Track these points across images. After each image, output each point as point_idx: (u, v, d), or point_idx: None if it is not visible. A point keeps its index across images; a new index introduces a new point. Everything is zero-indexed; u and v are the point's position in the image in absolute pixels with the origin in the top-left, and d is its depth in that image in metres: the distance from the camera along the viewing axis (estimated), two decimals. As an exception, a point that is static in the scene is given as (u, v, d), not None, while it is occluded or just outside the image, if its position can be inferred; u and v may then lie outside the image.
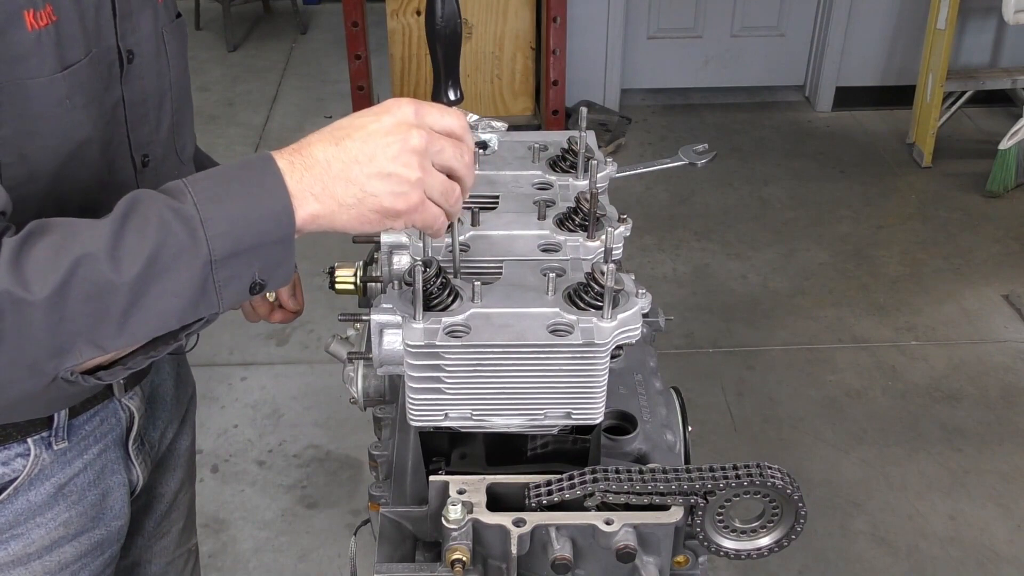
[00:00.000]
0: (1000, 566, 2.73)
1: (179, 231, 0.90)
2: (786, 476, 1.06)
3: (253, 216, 0.93)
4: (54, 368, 0.91)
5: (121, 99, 1.17)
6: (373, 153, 0.95)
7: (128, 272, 0.89)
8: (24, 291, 0.86)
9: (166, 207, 0.91)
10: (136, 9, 1.17)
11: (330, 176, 0.95)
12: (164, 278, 0.90)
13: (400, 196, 0.96)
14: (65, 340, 0.89)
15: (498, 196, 1.30)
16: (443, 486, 1.10)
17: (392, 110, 0.98)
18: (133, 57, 1.17)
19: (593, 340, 1.04)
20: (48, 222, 0.91)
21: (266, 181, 0.94)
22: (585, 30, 4.90)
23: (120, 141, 1.19)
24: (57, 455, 1.24)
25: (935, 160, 4.65)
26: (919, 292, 3.85)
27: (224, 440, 3.15)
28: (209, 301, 0.94)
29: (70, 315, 0.88)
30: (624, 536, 1.05)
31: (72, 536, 1.29)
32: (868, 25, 5.04)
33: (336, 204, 0.95)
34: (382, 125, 0.96)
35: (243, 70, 5.79)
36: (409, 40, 4.67)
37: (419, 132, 0.97)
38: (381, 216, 0.97)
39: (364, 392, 1.39)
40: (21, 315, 0.86)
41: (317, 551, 2.78)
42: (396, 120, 0.97)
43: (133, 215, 0.90)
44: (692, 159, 1.55)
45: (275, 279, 0.98)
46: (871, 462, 3.06)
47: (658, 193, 4.44)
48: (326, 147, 0.96)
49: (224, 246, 0.92)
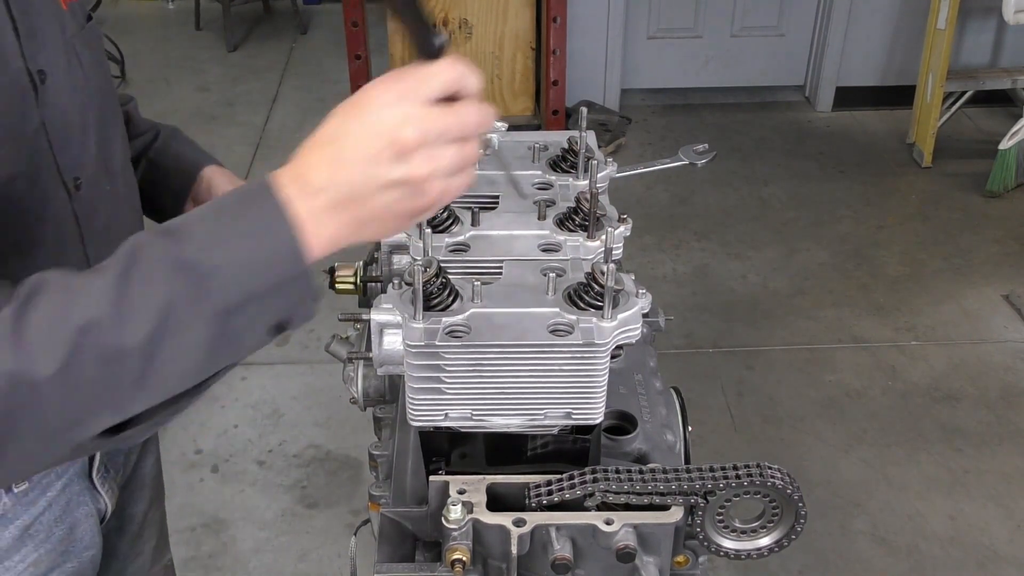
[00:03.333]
0: (1000, 566, 2.73)
1: (185, 284, 0.83)
2: (786, 476, 1.06)
3: (261, 258, 0.85)
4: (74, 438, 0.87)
5: (42, 125, 1.08)
6: (371, 167, 0.86)
7: (137, 335, 0.83)
8: (31, 370, 0.81)
9: (168, 258, 0.84)
10: (40, 25, 1.08)
11: (336, 199, 0.86)
12: (176, 335, 0.84)
13: (417, 196, 0.88)
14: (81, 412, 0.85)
15: (498, 196, 1.30)
16: (443, 486, 1.10)
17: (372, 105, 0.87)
18: (45, 77, 1.08)
19: (593, 340, 1.04)
20: (42, 281, 0.85)
21: (269, 217, 0.86)
22: (585, 30, 4.90)
23: (48, 169, 1.10)
24: (18, 497, 1.19)
25: (935, 160, 4.65)
26: (919, 292, 3.85)
27: (224, 440, 3.15)
28: (228, 351, 0.89)
29: (82, 387, 0.83)
30: (624, 536, 1.05)
31: (43, 573, 1.26)
32: (868, 25, 5.04)
33: (351, 226, 0.88)
34: (369, 129, 0.86)
35: (243, 70, 5.79)
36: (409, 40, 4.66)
37: (410, 124, 0.85)
38: (405, 219, 0.91)
39: (364, 392, 1.39)
40: (33, 394, 0.82)
41: (317, 551, 2.77)
42: (381, 119, 0.86)
43: (134, 270, 0.84)
44: (692, 159, 1.55)
45: (298, 317, 0.90)
46: (871, 462, 3.06)
47: (658, 193, 4.44)
48: (322, 171, 0.87)
49: (236, 294, 0.85)
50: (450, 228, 1.23)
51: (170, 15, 6.57)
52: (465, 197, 1.28)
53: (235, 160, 4.74)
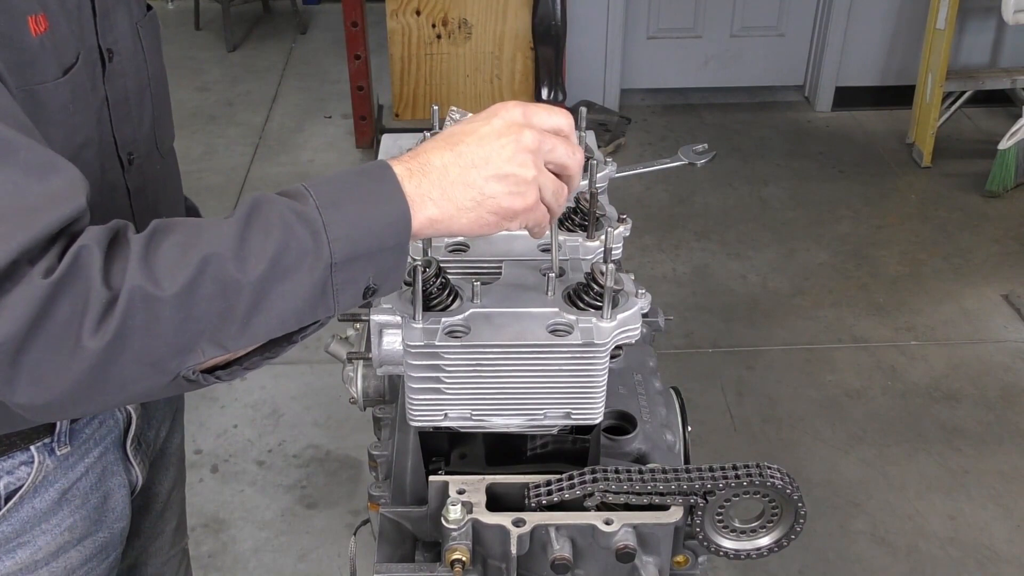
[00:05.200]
0: (1000, 566, 2.73)
1: (302, 233, 0.90)
2: (786, 476, 1.06)
3: (372, 221, 0.93)
4: (177, 366, 0.90)
5: (105, 99, 1.18)
6: (488, 155, 0.96)
7: (253, 272, 0.88)
8: (155, 288, 0.85)
9: (288, 209, 0.91)
10: (112, 7, 1.18)
11: (448, 181, 0.96)
12: (286, 279, 0.90)
13: (518, 196, 0.98)
14: (190, 338, 0.89)
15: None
16: (443, 486, 1.10)
17: (501, 113, 1.00)
18: (113, 55, 1.18)
19: (593, 340, 1.04)
20: (169, 221, 0.91)
21: (384, 187, 0.94)
22: (585, 30, 4.90)
23: (107, 141, 1.19)
24: (60, 460, 1.24)
25: (935, 160, 4.65)
26: (919, 292, 3.85)
27: (224, 440, 3.15)
28: (327, 304, 0.94)
29: (197, 313, 0.88)
30: (624, 536, 1.05)
31: (77, 541, 1.29)
32: (868, 25, 5.04)
33: (454, 208, 0.96)
34: (493, 128, 0.98)
35: (243, 70, 5.79)
36: (409, 40, 4.67)
37: (531, 131, 0.98)
38: (499, 217, 0.98)
39: (364, 392, 1.39)
40: (151, 312, 0.86)
41: (317, 551, 2.78)
42: (506, 122, 0.98)
43: (256, 216, 0.90)
44: (692, 159, 1.55)
45: (388, 284, 0.98)
46: (871, 462, 3.06)
47: (658, 193, 4.44)
48: (442, 153, 0.97)
49: (344, 250, 0.92)
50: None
51: (169, 15, 6.57)
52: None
53: (235, 160, 4.75)
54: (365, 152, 4.74)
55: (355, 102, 4.68)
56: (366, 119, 4.73)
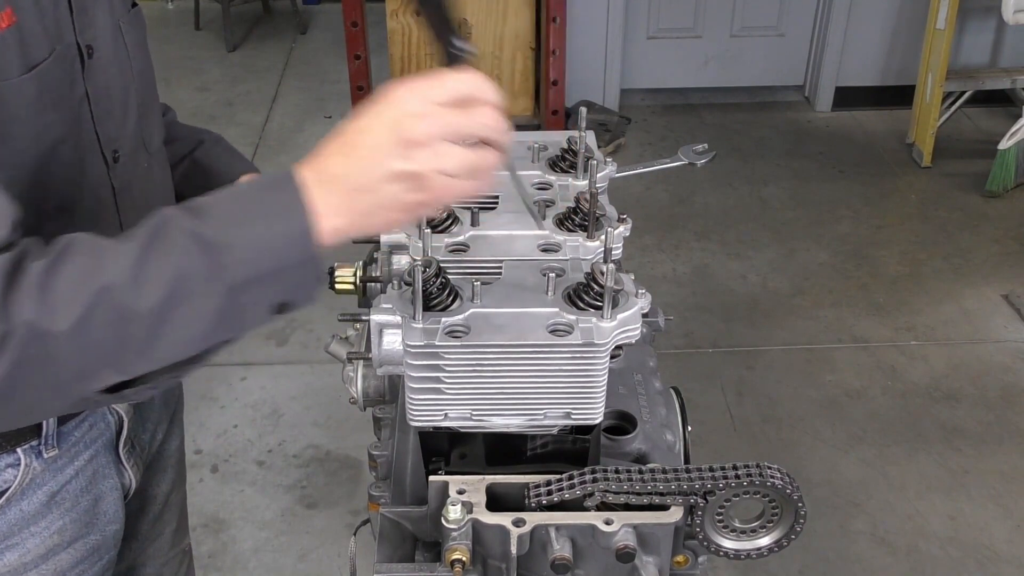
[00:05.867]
0: (1000, 566, 2.73)
1: (200, 259, 0.89)
2: (786, 476, 1.06)
3: (275, 239, 0.91)
4: (80, 391, 0.91)
5: (85, 95, 1.16)
6: (380, 157, 0.92)
7: (150, 300, 0.88)
8: (50, 322, 0.86)
9: (189, 232, 0.89)
10: (91, 3, 1.16)
11: (347, 188, 0.93)
12: (186, 305, 0.89)
13: (417, 191, 0.93)
14: (90, 366, 0.90)
15: (498, 196, 1.30)
16: (443, 486, 1.10)
17: (389, 102, 0.94)
18: (93, 52, 1.16)
19: (593, 340, 1.04)
20: (75, 241, 0.90)
21: (286, 202, 0.92)
22: (585, 30, 4.90)
23: (89, 139, 1.18)
24: (48, 463, 1.23)
25: (935, 160, 4.65)
26: (919, 292, 3.85)
27: (224, 440, 3.15)
28: (232, 325, 0.94)
29: (94, 344, 0.88)
30: (624, 536, 1.05)
31: (67, 543, 1.28)
32: (868, 25, 5.04)
33: (359, 214, 0.94)
34: (382, 123, 0.93)
35: (243, 70, 5.79)
36: (409, 40, 4.67)
37: (420, 120, 0.92)
38: (407, 212, 0.96)
39: (364, 392, 1.39)
40: (45, 345, 0.86)
41: (317, 551, 2.78)
42: (394, 114, 0.93)
43: (157, 239, 0.89)
44: (692, 159, 1.55)
45: (302, 297, 0.96)
46: (871, 462, 3.06)
47: (658, 193, 4.44)
48: (337, 160, 0.94)
49: (245, 272, 0.90)
50: (450, 228, 1.23)
51: (170, 15, 6.57)
52: (465, 197, 1.29)
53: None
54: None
55: (355, 102, 4.67)
56: (366, 119, 4.73)
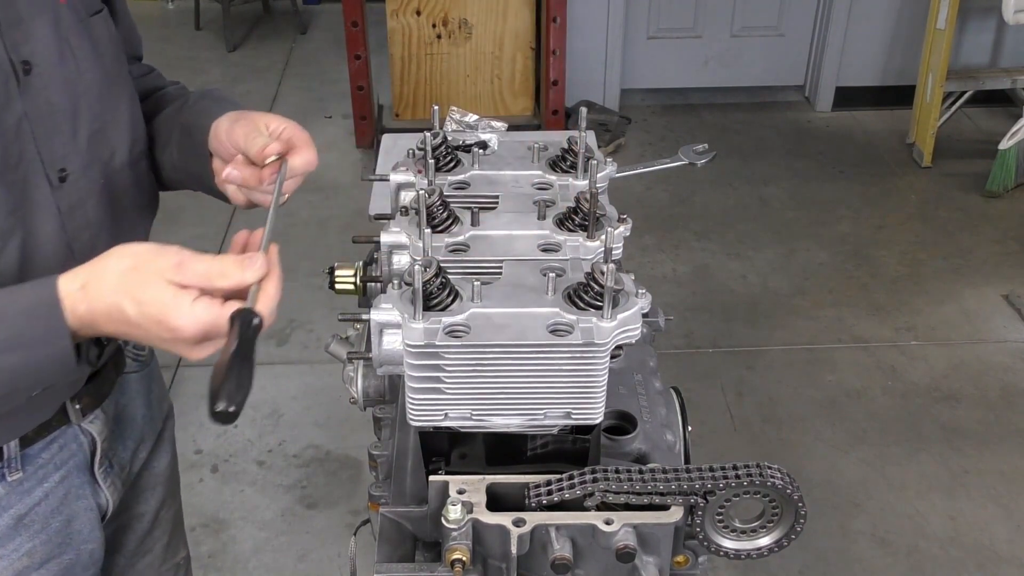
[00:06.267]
0: (1000, 566, 2.73)
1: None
2: (786, 476, 1.06)
3: (34, 368, 1.01)
4: None
5: (24, 115, 1.09)
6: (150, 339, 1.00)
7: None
8: None
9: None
10: (27, 16, 1.09)
11: (112, 332, 1.01)
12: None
13: (190, 350, 0.99)
14: None
15: (498, 196, 1.30)
16: (443, 486, 1.10)
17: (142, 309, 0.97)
18: (31, 68, 1.10)
19: (593, 340, 1.04)
20: None
21: (51, 337, 0.99)
22: (585, 30, 4.90)
23: (30, 158, 1.11)
24: (12, 486, 1.21)
25: (935, 160, 4.65)
26: (919, 292, 3.85)
27: (224, 440, 3.15)
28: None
29: None
30: (624, 536, 1.05)
31: (39, 564, 1.27)
32: (868, 25, 5.04)
33: (121, 336, 1.02)
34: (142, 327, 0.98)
35: (243, 70, 5.79)
36: (409, 40, 4.67)
37: (176, 340, 0.97)
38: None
39: (364, 392, 1.39)
40: None
41: (317, 551, 2.77)
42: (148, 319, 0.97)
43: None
44: (692, 159, 1.55)
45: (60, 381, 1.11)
46: (871, 462, 3.06)
47: (658, 193, 4.44)
48: (108, 327, 1.00)
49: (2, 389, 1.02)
50: (450, 228, 1.23)
51: (170, 15, 6.57)
52: (465, 197, 1.29)
53: (235, 160, 4.74)
54: (365, 152, 4.73)
55: (355, 102, 4.68)
56: (366, 119, 4.73)
